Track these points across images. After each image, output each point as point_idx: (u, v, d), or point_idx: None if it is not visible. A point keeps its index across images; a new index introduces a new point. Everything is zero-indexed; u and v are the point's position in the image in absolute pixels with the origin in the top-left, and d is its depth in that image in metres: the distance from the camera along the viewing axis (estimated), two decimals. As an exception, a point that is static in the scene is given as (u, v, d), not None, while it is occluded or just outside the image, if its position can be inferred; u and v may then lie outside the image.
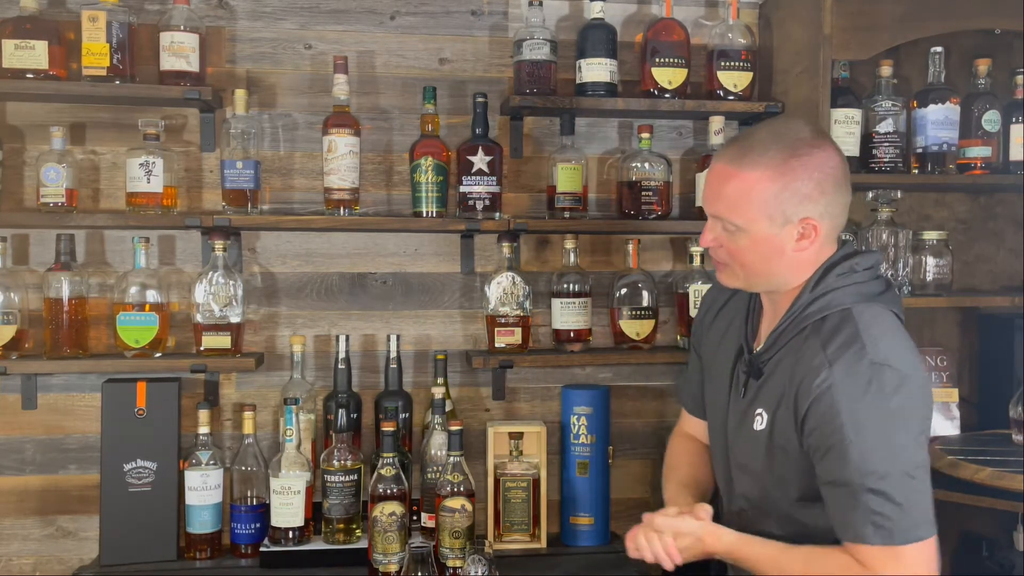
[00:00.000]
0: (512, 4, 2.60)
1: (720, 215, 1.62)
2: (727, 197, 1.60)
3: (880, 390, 1.48)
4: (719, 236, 1.64)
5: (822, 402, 1.50)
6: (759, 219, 1.58)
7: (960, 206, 2.75)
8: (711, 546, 1.64)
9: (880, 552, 1.47)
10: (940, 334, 2.72)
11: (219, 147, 2.45)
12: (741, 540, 1.63)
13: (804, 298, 1.60)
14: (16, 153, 2.42)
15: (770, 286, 1.67)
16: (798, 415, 1.54)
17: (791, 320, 1.61)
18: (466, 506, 2.19)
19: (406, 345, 2.56)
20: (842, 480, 1.48)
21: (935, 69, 2.47)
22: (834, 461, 1.49)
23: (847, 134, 2.38)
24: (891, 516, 1.46)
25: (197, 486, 2.30)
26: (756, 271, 1.63)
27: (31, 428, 2.45)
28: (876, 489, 1.46)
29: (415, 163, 2.41)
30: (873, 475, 1.46)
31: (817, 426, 1.51)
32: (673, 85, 2.46)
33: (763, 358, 1.65)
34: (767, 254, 1.60)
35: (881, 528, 1.46)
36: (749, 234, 1.59)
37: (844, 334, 1.54)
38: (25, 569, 2.45)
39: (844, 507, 1.50)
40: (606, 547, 2.44)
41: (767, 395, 1.62)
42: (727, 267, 1.67)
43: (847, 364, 1.51)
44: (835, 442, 1.48)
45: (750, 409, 1.66)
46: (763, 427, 1.62)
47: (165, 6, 2.41)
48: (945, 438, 2.48)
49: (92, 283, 2.41)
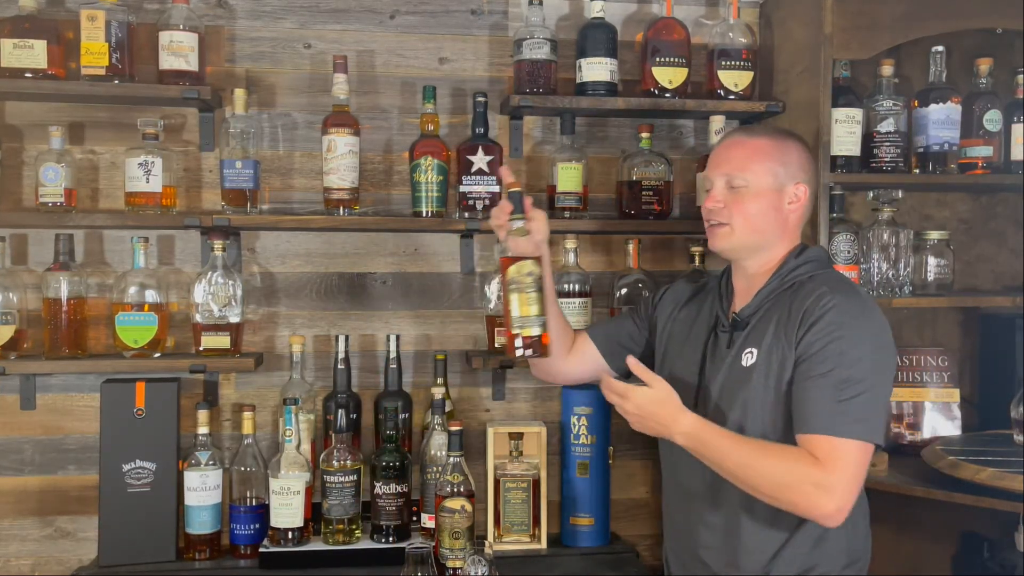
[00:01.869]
0: (512, 3, 2.60)
1: (730, 172, 1.84)
2: (737, 158, 1.85)
3: (871, 318, 1.75)
4: (724, 196, 1.85)
5: (825, 317, 1.71)
6: (764, 176, 1.83)
7: (961, 206, 2.75)
8: (673, 416, 1.74)
9: (834, 444, 1.65)
10: (941, 334, 2.72)
11: (218, 147, 2.45)
12: (703, 422, 1.75)
13: (789, 264, 1.85)
14: (15, 153, 2.42)
15: (756, 250, 1.87)
16: (800, 330, 1.73)
17: (778, 281, 1.84)
18: (466, 507, 2.19)
19: (406, 345, 2.56)
20: (824, 376, 1.68)
21: (936, 68, 2.47)
22: (823, 360, 1.69)
23: (848, 133, 2.38)
24: (857, 413, 1.66)
25: (196, 487, 2.30)
26: (755, 226, 1.84)
27: (30, 428, 2.45)
28: (853, 388, 1.66)
29: (415, 163, 2.41)
30: (852, 379, 1.67)
31: (817, 334, 1.71)
32: (674, 84, 2.46)
33: (747, 313, 1.85)
34: (766, 208, 1.83)
35: (847, 421, 1.66)
36: (753, 189, 1.83)
37: (838, 280, 1.83)
38: (24, 570, 2.45)
39: (816, 400, 1.68)
40: (606, 548, 2.44)
41: (756, 336, 1.81)
42: (725, 227, 1.85)
43: (845, 295, 1.75)
44: (830, 343, 1.69)
45: (738, 354, 1.82)
46: (752, 362, 1.79)
47: (164, 5, 2.41)
48: (946, 438, 2.48)
49: (91, 283, 2.41)
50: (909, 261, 2.46)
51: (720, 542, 1.82)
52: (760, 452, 1.70)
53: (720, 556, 1.83)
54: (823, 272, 1.84)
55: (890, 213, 2.45)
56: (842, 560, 1.80)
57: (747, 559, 1.79)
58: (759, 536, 1.78)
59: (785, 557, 1.77)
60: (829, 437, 1.65)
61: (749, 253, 1.87)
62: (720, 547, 1.82)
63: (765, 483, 1.68)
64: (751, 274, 1.89)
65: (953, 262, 2.55)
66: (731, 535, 1.81)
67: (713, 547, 1.84)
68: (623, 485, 2.64)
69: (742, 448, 1.70)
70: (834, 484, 1.64)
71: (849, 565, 1.81)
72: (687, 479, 1.88)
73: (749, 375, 1.78)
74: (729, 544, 1.81)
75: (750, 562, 1.79)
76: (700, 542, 1.85)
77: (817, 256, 1.87)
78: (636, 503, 2.68)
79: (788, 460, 1.67)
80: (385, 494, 2.29)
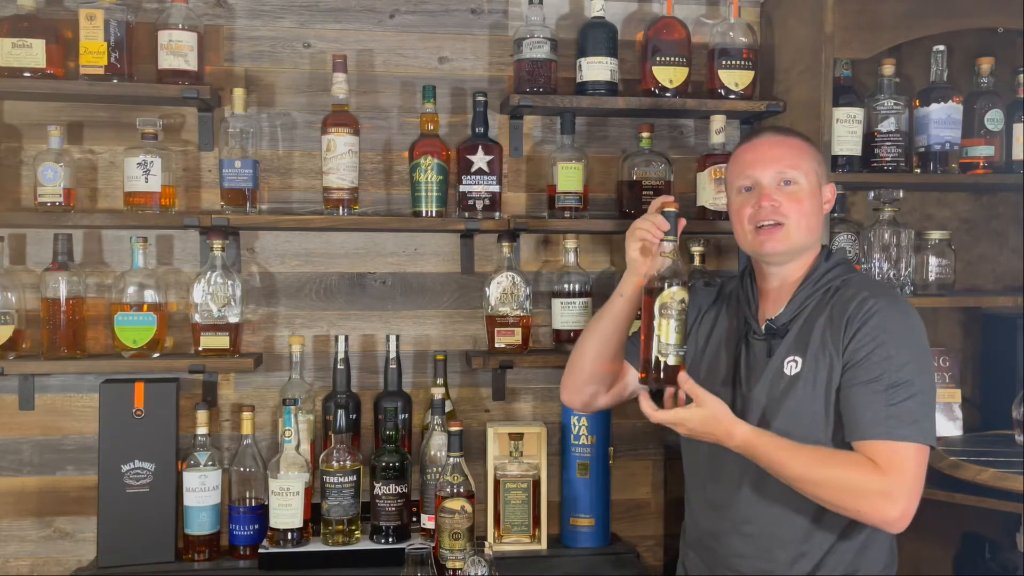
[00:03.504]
0: (512, 2, 2.59)
1: (784, 170, 1.81)
2: (785, 156, 1.82)
3: (913, 321, 1.74)
4: (776, 196, 1.80)
5: (871, 321, 1.71)
6: (811, 173, 1.83)
7: (963, 205, 2.75)
8: (727, 430, 1.71)
9: (895, 447, 1.64)
10: (943, 334, 2.72)
11: (217, 146, 2.45)
12: (757, 431, 1.72)
13: (821, 268, 1.83)
14: (13, 152, 2.41)
15: (804, 248, 1.84)
16: (845, 335, 1.72)
17: (811, 287, 1.82)
18: (466, 507, 2.19)
19: (405, 345, 2.55)
20: (874, 382, 1.67)
21: (937, 68, 2.47)
22: (874, 364, 1.68)
23: (849, 133, 2.38)
24: (909, 418, 1.65)
25: (195, 487, 2.30)
26: (808, 226, 1.82)
27: (28, 429, 2.45)
28: (903, 392, 1.66)
29: (415, 162, 2.41)
30: (901, 383, 1.66)
31: (863, 339, 1.70)
32: (674, 84, 2.46)
33: (783, 320, 1.82)
34: (817, 207, 1.84)
35: (902, 425, 1.65)
36: (805, 187, 1.81)
37: (876, 284, 1.88)
38: (22, 570, 2.45)
39: (868, 406, 1.67)
40: (607, 548, 2.44)
41: (798, 343, 1.78)
42: (782, 227, 1.80)
43: (888, 299, 1.75)
44: (878, 348, 1.69)
45: (779, 362, 1.79)
46: (797, 370, 1.76)
47: (163, 5, 2.41)
48: (948, 439, 2.48)
49: (90, 283, 2.41)
50: (910, 261, 2.46)
51: (755, 551, 1.79)
52: (821, 460, 1.68)
53: (755, 564, 1.80)
54: (855, 275, 1.83)
55: (891, 213, 2.45)
56: (882, 562, 1.80)
57: (786, 569, 1.77)
58: (799, 546, 1.76)
59: (829, 564, 1.76)
60: (887, 442, 1.64)
61: (798, 255, 1.84)
62: (755, 555, 1.79)
63: (827, 492, 1.67)
64: (784, 278, 1.86)
65: (954, 262, 2.55)
66: (769, 544, 1.78)
67: (747, 556, 1.80)
68: (623, 486, 2.64)
69: (801, 457, 1.68)
70: (898, 490, 1.63)
71: (888, 566, 1.81)
72: (716, 492, 1.85)
73: (794, 384, 1.75)
74: (767, 553, 1.78)
75: (790, 572, 1.77)
76: (732, 551, 1.82)
77: (843, 258, 1.87)
78: (637, 504, 2.68)
79: (849, 468, 1.66)
80: (385, 495, 2.29)
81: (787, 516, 1.76)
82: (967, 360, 2.71)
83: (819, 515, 1.74)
